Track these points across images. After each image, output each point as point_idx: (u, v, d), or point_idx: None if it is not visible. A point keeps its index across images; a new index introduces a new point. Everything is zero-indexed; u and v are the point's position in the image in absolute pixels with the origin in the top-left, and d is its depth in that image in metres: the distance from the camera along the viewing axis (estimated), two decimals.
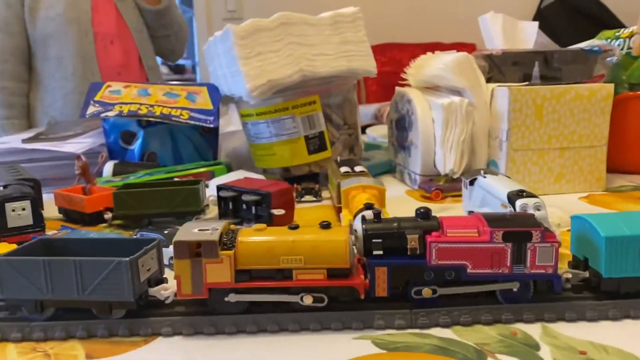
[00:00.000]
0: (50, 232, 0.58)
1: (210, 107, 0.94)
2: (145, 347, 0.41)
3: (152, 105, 0.90)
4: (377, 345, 0.40)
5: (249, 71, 0.82)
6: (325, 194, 0.85)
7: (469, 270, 0.42)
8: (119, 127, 0.96)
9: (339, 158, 0.83)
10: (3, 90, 1.45)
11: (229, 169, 0.91)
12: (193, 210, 0.73)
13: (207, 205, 0.75)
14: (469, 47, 2.78)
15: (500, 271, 0.42)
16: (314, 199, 0.84)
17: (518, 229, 0.42)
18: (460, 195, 0.83)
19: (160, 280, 0.45)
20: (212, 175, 0.88)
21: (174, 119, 0.89)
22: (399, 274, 0.43)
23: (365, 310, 0.43)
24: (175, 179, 0.83)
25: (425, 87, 0.92)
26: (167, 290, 0.43)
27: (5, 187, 0.68)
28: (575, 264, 0.47)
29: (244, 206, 0.72)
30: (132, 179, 0.85)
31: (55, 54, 1.48)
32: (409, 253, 0.43)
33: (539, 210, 0.54)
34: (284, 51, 0.84)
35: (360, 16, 0.90)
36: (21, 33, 1.45)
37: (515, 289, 0.43)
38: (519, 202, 0.55)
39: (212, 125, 0.91)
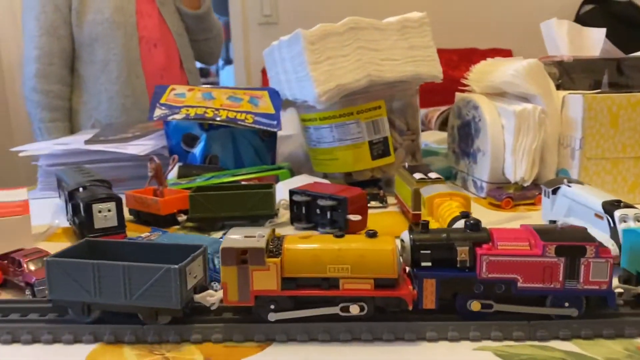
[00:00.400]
0: (143, 234, 0.58)
1: (272, 111, 0.94)
2: (261, 353, 0.40)
3: (217, 109, 0.90)
4: (500, 357, 0.39)
5: (318, 76, 0.82)
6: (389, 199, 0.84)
7: (519, 284, 0.41)
8: (181, 130, 0.97)
9: (407, 164, 0.82)
10: (48, 93, 1.47)
11: (292, 173, 0.91)
12: (266, 214, 0.73)
13: (278, 209, 0.75)
14: (505, 53, 2.76)
15: (552, 286, 0.41)
16: (380, 205, 0.83)
17: (572, 243, 0.40)
18: (532, 204, 0.82)
19: (205, 287, 0.45)
20: (276, 179, 0.88)
21: (239, 122, 0.89)
22: (447, 286, 0.42)
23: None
24: (243, 183, 0.83)
25: (490, 93, 0.91)
26: (213, 297, 0.43)
27: (85, 188, 0.69)
28: (627, 278, 0.46)
29: (318, 211, 0.71)
30: (198, 181, 0.86)
31: (101, 57, 1.49)
32: (458, 265, 0.42)
33: (639, 221, 0.53)
34: (353, 56, 0.83)
35: (426, 21, 0.89)
36: (67, 36, 1.47)
37: (575, 310, 0.41)
38: (617, 213, 0.54)
39: (276, 129, 0.91)
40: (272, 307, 0.42)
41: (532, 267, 0.40)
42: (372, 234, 0.43)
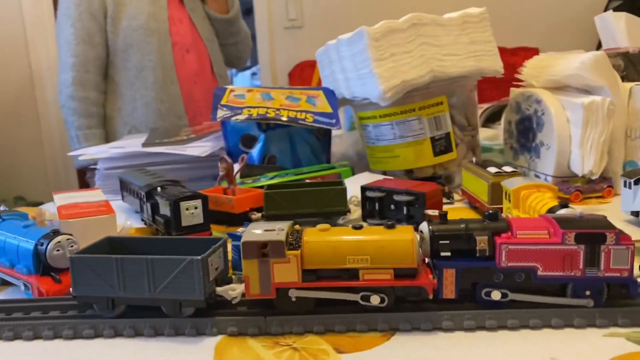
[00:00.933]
0: (239, 230, 0.58)
1: (329, 110, 0.94)
2: (387, 342, 0.40)
3: (278, 109, 0.90)
4: (634, 342, 0.38)
5: (383, 72, 0.82)
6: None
7: (539, 273, 0.41)
8: (239, 131, 0.97)
9: (474, 159, 0.82)
10: (84, 100, 1.47)
11: (353, 171, 0.91)
12: (340, 211, 0.73)
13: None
14: (532, 51, 2.74)
15: (572, 274, 0.40)
16: (447, 200, 0.83)
17: (591, 231, 0.40)
18: (600, 197, 0.81)
19: (225, 280, 0.45)
20: (338, 177, 0.88)
21: (300, 121, 0.89)
22: (467, 276, 0.42)
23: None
24: (307, 181, 0.83)
25: (549, 87, 0.90)
26: (235, 290, 0.43)
27: (162, 188, 0.69)
28: None
29: (392, 206, 0.71)
30: (262, 181, 0.86)
31: (136, 63, 1.50)
32: (477, 255, 0.42)
33: None
34: (416, 52, 0.83)
35: (486, 16, 0.89)
36: (102, 44, 1.48)
37: (588, 297, 0.41)
38: None
39: (335, 128, 0.91)
40: (294, 299, 0.42)
41: (552, 255, 0.40)
42: (391, 225, 0.44)
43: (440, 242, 0.43)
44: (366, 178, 0.86)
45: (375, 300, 0.42)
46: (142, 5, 1.47)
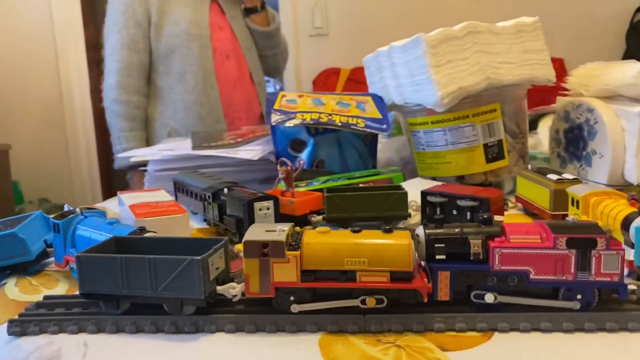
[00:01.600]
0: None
1: (379, 115, 0.95)
2: (489, 341, 0.41)
3: (330, 114, 0.91)
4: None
5: (440, 79, 0.83)
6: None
7: (532, 276, 0.42)
8: (288, 135, 0.99)
9: (529, 166, 0.82)
10: (128, 103, 1.52)
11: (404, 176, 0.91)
12: (401, 215, 0.74)
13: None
14: (558, 62, 2.74)
15: (564, 278, 0.42)
16: None
17: (582, 236, 0.41)
18: None
19: (226, 279, 0.46)
20: (390, 182, 0.89)
21: (352, 127, 0.90)
22: (461, 279, 0.43)
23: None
24: (360, 185, 0.84)
25: (599, 96, 0.91)
26: (235, 289, 0.44)
27: (230, 189, 0.70)
28: None
29: (455, 212, 0.72)
30: (315, 184, 0.87)
31: (178, 68, 1.54)
32: (471, 258, 0.43)
33: None
34: (472, 59, 0.84)
35: (539, 25, 0.90)
36: (146, 50, 1.53)
37: (577, 302, 0.42)
38: None
39: (387, 133, 0.92)
40: (292, 298, 0.43)
41: (544, 259, 0.42)
42: (388, 230, 0.45)
43: (436, 245, 0.44)
44: (419, 184, 0.87)
45: (371, 302, 0.43)
46: (185, 12, 1.51)
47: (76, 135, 3.01)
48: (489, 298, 0.43)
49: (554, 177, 0.73)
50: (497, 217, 0.67)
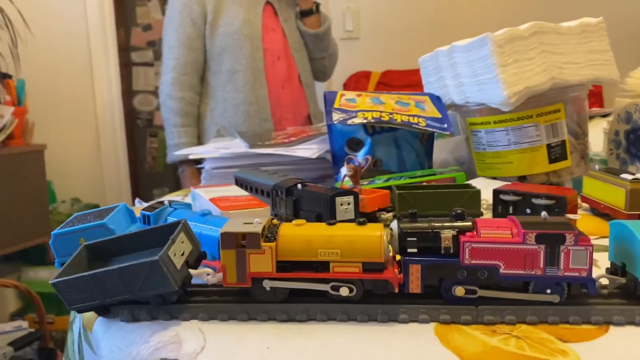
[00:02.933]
0: None
1: (438, 115, 0.96)
2: (605, 335, 0.41)
3: (390, 113, 0.92)
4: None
5: (507, 78, 0.83)
6: None
7: (501, 271, 0.43)
8: (345, 134, 0.99)
9: (597, 167, 0.82)
10: (181, 99, 1.56)
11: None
12: (474, 213, 0.74)
13: None
14: None
15: (533, 272, 0.42)
16: None
17: (551, 232, 0.42)
18: None
19: (200, 256, 0.47)
20: (453, 182, 0.89)
21: (414, 125, 0.90)
22: (432, 272, 0.44)
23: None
24: (423, 184, 0.84)
25: None
26: (210, 275, 0.46)
27: (303, 185, 0.71)
28: (614, 270, 0.47)
29: (529, 210, 0.72)
30: (377, 183, 0.87)
31: (228, 67, 1.57)
32: (442, 252, 0.44)
33: None
34: (537, 59, 0.84)
35: (603, 25, 0.90)
36: (201, 48, 1.56)
37: (550, 293, 0.43)
38: None
39: (448, 132, 0.92)
40: (268, 288, 0.45)
41: (514, 254, 0.42)
42: (362, 222, 0.46)
43: (408, 239, 0.45)
44: (482, 183, 0.87)
45: (344, 291, 0.44)
46: (239, 12, 1.54)
47: (107, 137, 3.06)
48: (460, 292, 0.44)
49: (628, 176, 0.73)
50: (572, 216, 0.67)
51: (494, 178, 0.95)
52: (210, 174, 1.04)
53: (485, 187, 0.78)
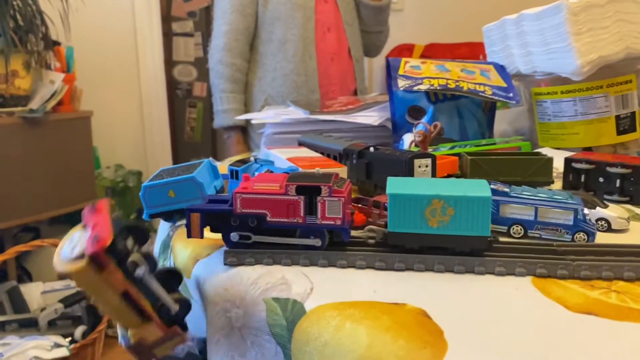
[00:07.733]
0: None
1: (503, 84, 0.95)
2: None
3: (457, 80, 0.92)
4: None
5: (581, 47, 0.82)
6: None
7: (268, 219, 0.47)
8: (407, 102, 0.99)
9: None
10: (231, 66, 1.58)
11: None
12: (544, 181, 0.74)
13: None
14: None
15: (295, 220, 0.47)
16: None
17: (309, 184, 0.47)
18: None
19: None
20: (518, 150, 0.89)
21: (480, 94, 0.90)
22: (211, 220, 0.49)
23: None
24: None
25: None
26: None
27: (375, 148, 0.72)
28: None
29: (602, 179, 0.72)
30: (443, 150, 0.88)
31: (280, 36, 1.57)
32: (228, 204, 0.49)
33: None
34: (612, 28, 0.83)
35: None
36: (253, 15, 1.56)
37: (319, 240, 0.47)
38: None
39: (514, 101, 0.92)
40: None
41: (278, 204, 0.47)
42: None
43: None
44: (549, 152, 0.87)
45: None
46: None
47: (150, 105, 3.11)
48: (234, 237, 0.48)
49: None
50: None
51: (558, 149, 0.94)
52: (271, 139, 1.06)
53: (554, 156, 0.78)
